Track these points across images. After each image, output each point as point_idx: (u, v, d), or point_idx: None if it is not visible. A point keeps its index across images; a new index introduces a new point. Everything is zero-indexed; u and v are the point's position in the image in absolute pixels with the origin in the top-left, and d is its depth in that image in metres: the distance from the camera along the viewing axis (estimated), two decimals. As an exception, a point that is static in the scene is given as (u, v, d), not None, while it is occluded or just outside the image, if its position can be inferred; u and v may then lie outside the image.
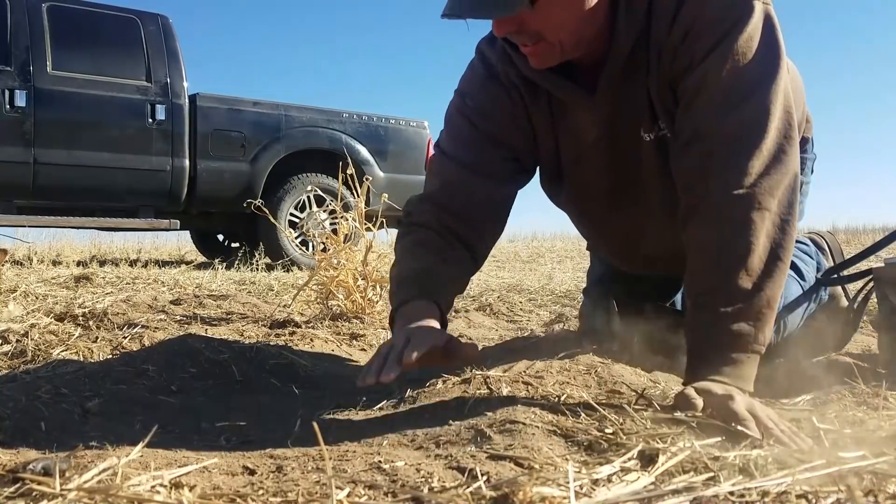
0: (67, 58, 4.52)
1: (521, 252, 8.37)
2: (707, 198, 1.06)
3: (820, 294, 1.62)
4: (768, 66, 1.09)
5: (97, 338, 1.48)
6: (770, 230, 1.03)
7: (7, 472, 0.69)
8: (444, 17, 1.08)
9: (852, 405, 1.10)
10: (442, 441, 0.89)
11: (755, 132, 1.05)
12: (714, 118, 1.08)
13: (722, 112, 1.08)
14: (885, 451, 0.81)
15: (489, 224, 1.32)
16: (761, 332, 1.01)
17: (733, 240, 1.03)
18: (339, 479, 0.71)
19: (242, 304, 2.57)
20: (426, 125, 5.91)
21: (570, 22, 1.11)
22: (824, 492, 0.67)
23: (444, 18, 1.09)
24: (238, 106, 5.14)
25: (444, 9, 1.09)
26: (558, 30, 1.11)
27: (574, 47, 1.15)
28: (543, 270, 5.70)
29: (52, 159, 4.42)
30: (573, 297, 3.17)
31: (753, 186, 1.03)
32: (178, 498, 0.64)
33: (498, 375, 1.18)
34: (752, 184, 1.03)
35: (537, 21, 1.09)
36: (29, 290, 2.67)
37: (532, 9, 1.07)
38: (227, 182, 5.00)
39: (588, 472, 0.74)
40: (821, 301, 1.63)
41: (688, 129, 1.11)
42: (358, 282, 2.61)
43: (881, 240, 1.57)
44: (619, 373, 1.24)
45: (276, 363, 1.52)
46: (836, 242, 1.82)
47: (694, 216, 1.08)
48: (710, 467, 0.74)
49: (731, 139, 1.06)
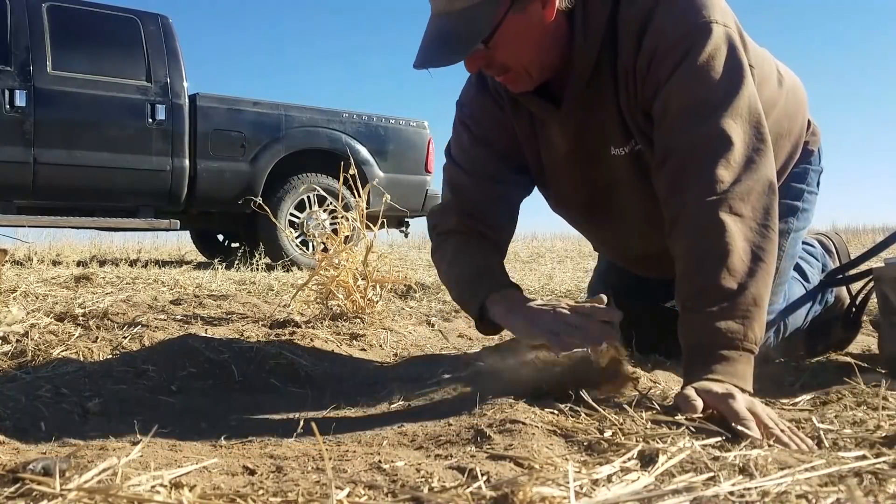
0: (67, 58, 4.52)
1: (521, 252, 8.37)
2: (684, 209, 1.12)
3: (826, 296, 1.62)
4: (730, 82, 1.15)
5: (97, 338, 1.48)
6: (747, 233, 1.07)
7: (7, 472, 0.69)
8: (416, 67, 1.20)
9: (852, 405, 1.09)
10: (442, 441, 0.89)
11: (723, 144, 1.11)
12: (682, 135, 1.15)
13: (689, 128, 1.14)
14: (885, 451, 0.81)
15: (501, 219, 1.45)
16: (750, 329, 1.03)
17: (712, 244, 1.07)
18: (339, 479, 0.71)
19: (242, 304, 2.57)
20: (426, 125, 5.91)
21: (529, 53, 1.22)
22: (824, 492, 0.67)
23: (416, 69, 1.21)
24: (238, 106, 5.14)
25: (414, 61, 1.21)
26: (521, 61, 1.22)
27: (542, 73, 1.26)
28: (543, 270, 5.70)
29: (52, 159, 4.42)
30: (573, 296, 3.17)
31: (725, 193, 1.08)
32: (178, 498, 0.64)
33: (498, 375, 1.18)
34: (723, 191, 1.08)
35: (500, 56, 1.20)
36: (29, 291, 2.67)
37: (488, 48, 1.18)
38: (227, 182, 5.00)
39: (588, 472, 0.74)
40: (826, 303, 1.63)
41: (661, 149, 1.19)
42: (358, 282, 2.61)
43: (884, 239, 1.57)
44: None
45: (276, 363, 1.52)
46: (843, 244, 1.83)
47: (675, 228, 1.14)
48: (710, 467, 0.75)
49: (701, 153, 1.12)
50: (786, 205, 1.38)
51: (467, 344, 1.97)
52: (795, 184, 1.49)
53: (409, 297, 3.18)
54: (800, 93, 1.49)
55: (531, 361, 1.10)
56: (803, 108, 1.49)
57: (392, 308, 2.81)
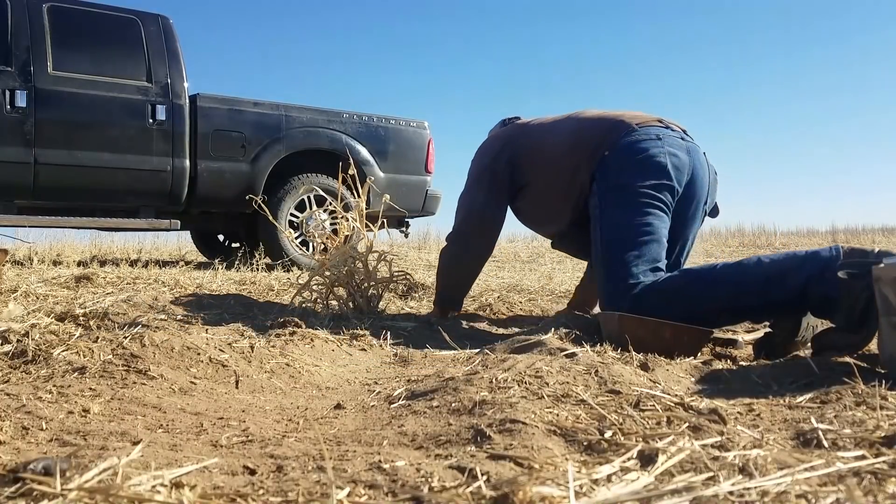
0: (68, 58, 4.51)
1: (521, 252, 8.37)
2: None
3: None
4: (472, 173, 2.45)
5: (98, 338, 1.48)
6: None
7: (7, 472, 0.69)
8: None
9: (852, 405, 1.09)
10: (442, 441, 0.89)
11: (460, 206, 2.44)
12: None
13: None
14: (884, 451, 0.81)
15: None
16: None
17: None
18: (340, 479, 0.71)
19: (243, 305, 2.57)
20: (426, 125, 5.91)
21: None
22: (823, 492, 0.67)
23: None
24: (238, 106, 5.14)
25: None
26: None
27: None
28: (543, 270, 5.70)
29: (53, 159, 4.41)
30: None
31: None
32: (178, 498, 0.64)
33: (499, 375, 1.18)
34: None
35: None
36: (30, 291, 2.67)
37: None
38: (227, 182, 5.00)
39: (588, 471, 0.74)
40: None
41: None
42: (358, 282, 2.61)
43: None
44: (619, 373, 1.24)
45: (276, 363, 1.52)
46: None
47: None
48: (709, 467, 0.75)
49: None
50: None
51: (467, 344, 1.97)
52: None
53: (409, 297, 3.18)
54: (539, 144, 2.43)
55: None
56: (540, 155, 2.40)
57: (392, 308, 2.81)
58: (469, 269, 2.51)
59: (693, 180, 2.06)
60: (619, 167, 2.03)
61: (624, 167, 2.03)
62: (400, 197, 5.03)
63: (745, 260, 1.80)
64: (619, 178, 2.01)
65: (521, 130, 2.45)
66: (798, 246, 9.45)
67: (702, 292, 1.79)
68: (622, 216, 1.97)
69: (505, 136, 2.44)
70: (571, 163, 2.15)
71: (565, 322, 1.91)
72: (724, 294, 1.77)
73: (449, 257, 2.49)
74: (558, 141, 2.26)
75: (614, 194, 2.01)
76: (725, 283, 1.77)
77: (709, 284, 1.80)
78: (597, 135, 2.13)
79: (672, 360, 1.54)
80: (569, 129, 2.26)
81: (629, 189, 1.98)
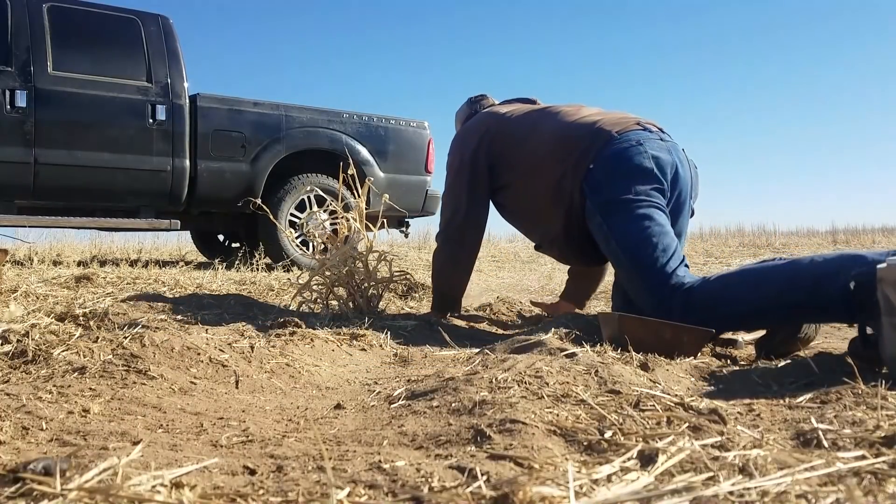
0: (68, 58, 4.51)
1: (521, 252, 8.37)
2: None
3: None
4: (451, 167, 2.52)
5: (98, 338, 1.48)
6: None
7: (7, 472, 0.69)
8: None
9: (852, 405, 1.09)
10: (442, 441, 0.89)
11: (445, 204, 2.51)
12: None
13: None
14: (884, 450, 0.81)
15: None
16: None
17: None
18: (340, 479, 0.71)
19: (242, 304, 2.57)
20: (426, 125, 5.91)
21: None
22: (823, 492, 0.67)
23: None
24: (238, 106, 5.14)
25: None
26: None
27: None
28: (543, 270, 5.70)
29: (53, 159, 4.41)
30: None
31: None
32: (178, 498, 0.64)
33: (499, 375, 1.18)
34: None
35: None
36: (30, 291, 2.67)
37: None
38: (227, 182, 5.00)
39: (588, 472, 0.74)
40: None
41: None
42: (358, 282, 2.61)
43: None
44: (619, 373, 1.24)
45: (276, 363, 1.52)
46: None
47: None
48: (709, 467, 0.75)
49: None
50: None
51: (467, 344, 1.97)
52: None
53: (409, 297, 3.18)
54: (515, 134, 2.48)
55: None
56: (518, 149, 2.42)
57: (392, 308, 2.81)
58: (464, 268, 2.53)
59: (677, 177, 2.09)
60: (607, 181, 2.05)
61: (612, 178, 2.05)
62: (400, 197, 5.03)
63: (798, 258, 1.78)
64: (612, 192, 2.03)
65: (498, 125, 2.45)
66: (798, 246, 9.45)
67: (751, 289, 1.77)
68: (632, 225, 1.98)
69: (481, 129, 2.46)
70: (556, 171, 2.17)
71: (565, 322, 1.91)
72: (773, 290, 1.73)
73: (443, 259, 2.51)
74: (539, 146, 2.27)
75: (613, 207, 2.02)
76: (774, 279, 1.74)
77: (759, 277, 1.77)
78: (580, 144, 2.14)
79: (672, 360, 1.54)
80: (550, 132, 2.27)
81: (625, 199, 2.00)
